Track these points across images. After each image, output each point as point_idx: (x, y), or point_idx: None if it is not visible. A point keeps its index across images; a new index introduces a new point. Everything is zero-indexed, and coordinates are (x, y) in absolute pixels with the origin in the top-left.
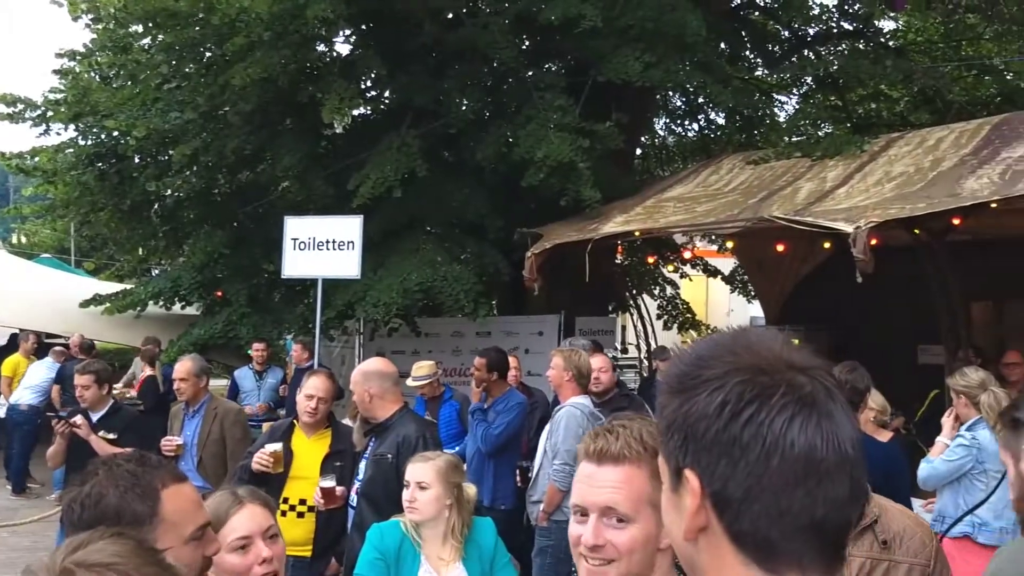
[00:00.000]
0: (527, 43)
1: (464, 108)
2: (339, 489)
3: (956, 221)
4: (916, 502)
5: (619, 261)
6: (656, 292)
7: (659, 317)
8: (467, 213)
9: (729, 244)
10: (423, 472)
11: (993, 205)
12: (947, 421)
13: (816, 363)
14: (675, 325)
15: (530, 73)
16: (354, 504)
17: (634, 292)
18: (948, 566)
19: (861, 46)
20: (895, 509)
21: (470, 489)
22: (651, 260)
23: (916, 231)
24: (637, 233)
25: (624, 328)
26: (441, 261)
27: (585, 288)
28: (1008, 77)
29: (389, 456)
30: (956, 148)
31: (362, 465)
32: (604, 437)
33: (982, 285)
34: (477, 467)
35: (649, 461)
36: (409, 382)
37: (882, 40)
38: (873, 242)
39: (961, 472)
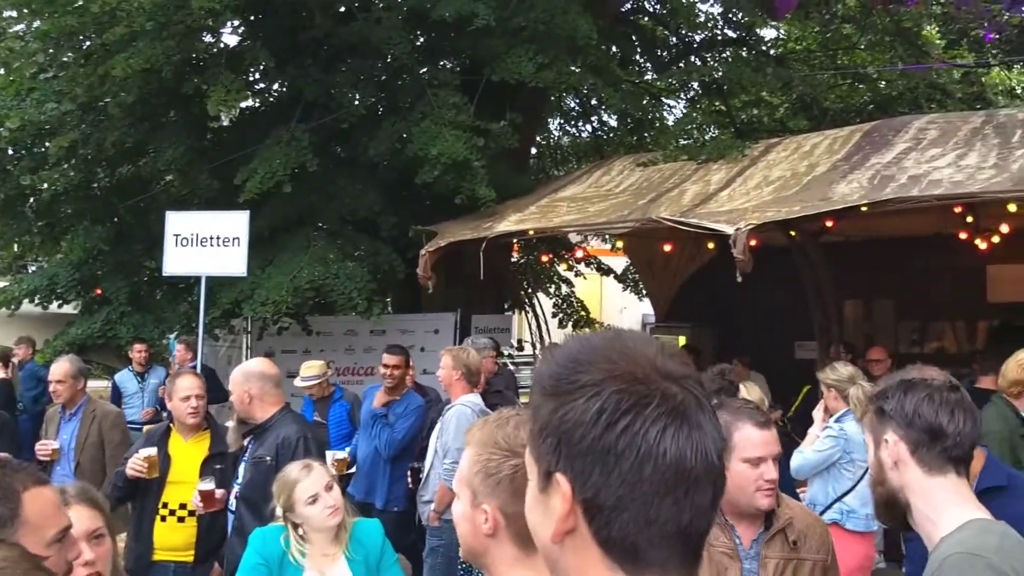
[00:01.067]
0: (421, 39)
1: (357, 103)
2: (218, 492)
3: (829, 224)
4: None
5: (515, 259)
6: (551, 290)
7: (554, 315)
8: (360, 210)
9: (619, 244)
10: (323, 474)
11: (864, 209)
12: (818, 413)
13: (687, 372)
14: (570, 323)
15: (424, 70)
16: (233, 508)
17: (530, 290)
18: (836, 557)
19: (744, 54)
20: (798, 508)
21: None
22: (545, 259)
23: (792, 233)
24: (531, 232)
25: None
26: (333, 258)
27: (481, 286)
28: (881, 86)
29: (268, 458)
30: (829, 154)
31: (241, 468)
32: None
33: (853, 284)
34: (370, 470)
35: None
36: (297, 382)
37: (763, 48)
38: (753, 243)
39: (830, 462)
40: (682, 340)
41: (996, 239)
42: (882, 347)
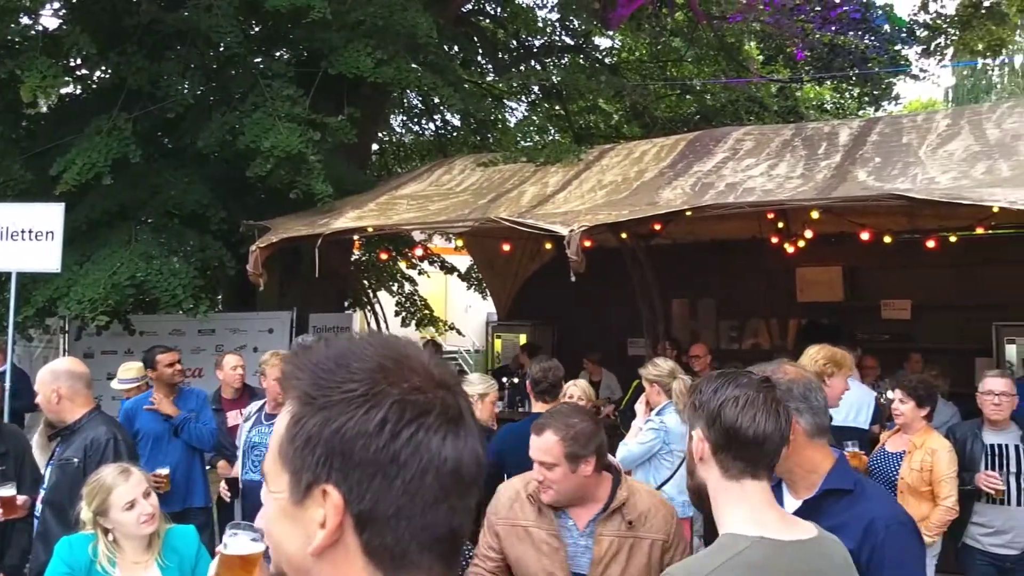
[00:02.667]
0: (257, 29)
1: (186, 92)
2: (20, 498)
3: (657, 227)
4: None
5: (357, 257)
6: (395, 289)
7: (397, 314)
8: (187, 203)
9: (456, 242)
10: (141, 480)
11: (688, 213)
12: (640, 407)
13: (458, 379)
14: (413, 322)
15: (258, 60)
16: (38, 513)
17: (372, 288)
18: (685, 539)
19: (581, 61)
20: (643, 491)
21: None
22: (384, 256)
23: (623, 235)
24: (370, 229)
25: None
26: (157, 254)
27: (320, 284)
28: (707, 98)
29: (75, 460)
30: (657, 161)
31: (47, 471)
32: None
33: (680, 284)
34: (186, 474)
35: None
36: (114, 384)
37: (598, 56)
38: (587, 244)
39: (652, 453)
40: (523, 338)
41: (802, 243)
42: (703, 344)
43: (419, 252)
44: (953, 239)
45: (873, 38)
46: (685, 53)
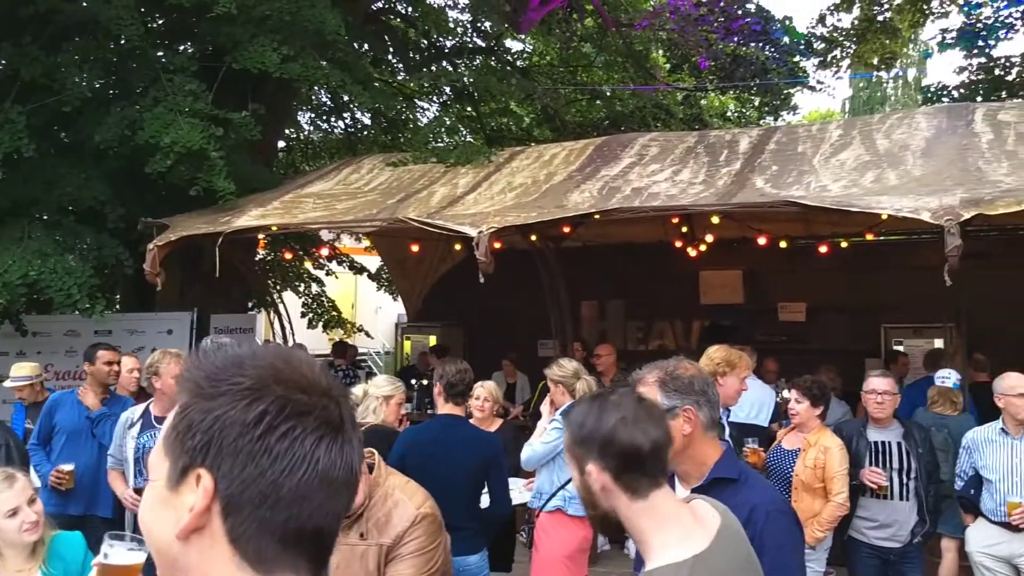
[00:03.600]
0: (160, 21)
1: (83, 85)
2: None
3: (567, 230)
4: (519, 481)
5: (262, 256)
6: (301, 289)
7: (303, 315)
8: (84, 199)
9: (366, 242)
10: (27, 486)
11: (596, 216)
12: (545, 407)
13: (343, 392)
14: (320, 323)
15: (160, 54)
16: None
17: (278, 288)
18: (424, 537)
19: (493, 63)
20: (399, 494)
21: None
22: (288, 256)
23: (533, 238)
24: (274, 228)
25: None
26: (51, 252)
27: (222, 284)
28: (617, 105)
29: None
30: (566, 164)
31: None
32: None
33: (589, 286)
34: (93, 479)
35: None
36: (7, 383)
37: (509, 59)
38: (497, 246)
39: (555, 452)
40: (433, 339)
41: (705, 248)
42: (608, 344)
43: (325, 252)
44: (844, 244)
45: (773, 50)
46: (595, 59)
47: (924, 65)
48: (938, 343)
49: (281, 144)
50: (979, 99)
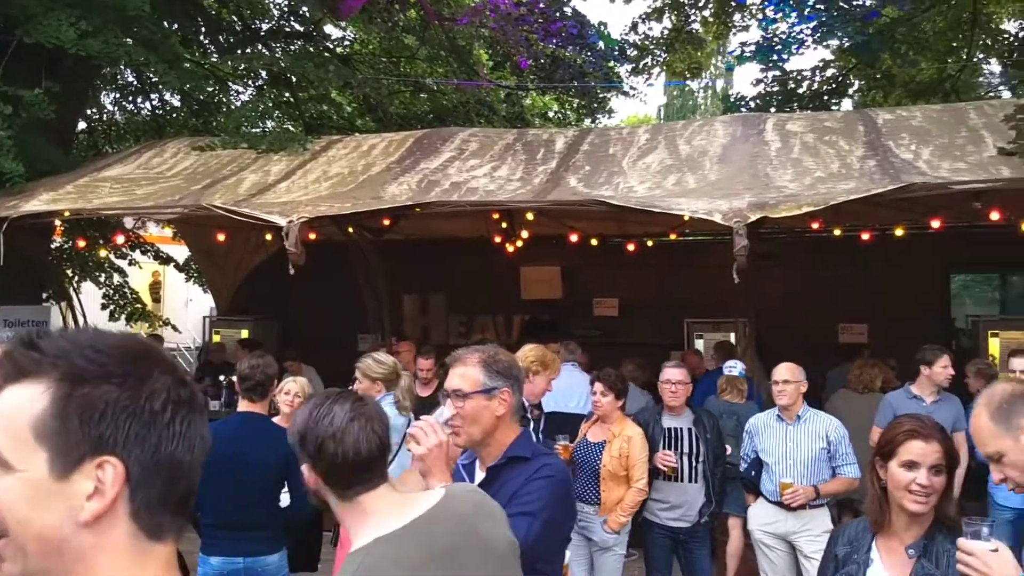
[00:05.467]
0: None
1: None
2: None
3: (387, 222)
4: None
5: (58, 244)
6: (102, 280)
7: (104, 307)
8: None
9: (168, 231)
10: None
11: (418, 210)
12: None
13: (192, 377)
14: (123, 316)
15: None
16: None
17: (77, 279)
18: None
19: (312, 49)
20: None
21: None
22: (81, 244)
23: (350, 229)
24: (67, 213)
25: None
26: None
27: (12, 273)
28: (443, 100)
29: None
30: (385, 156)
31: None
32: None
33: (412, 280)
34: None
35: None
36: None
37: (329, 46)
38: (312, 237)
39: None
40: (244, 333)
41: (522, 244)
42: (408, 342)
43: (120, 239)
44: (650, 244)
45: (590, 54)
46: (417, 51)
47: (731, 76)
48: (733, 337)
49: (82, 125)
50: (773, 110)
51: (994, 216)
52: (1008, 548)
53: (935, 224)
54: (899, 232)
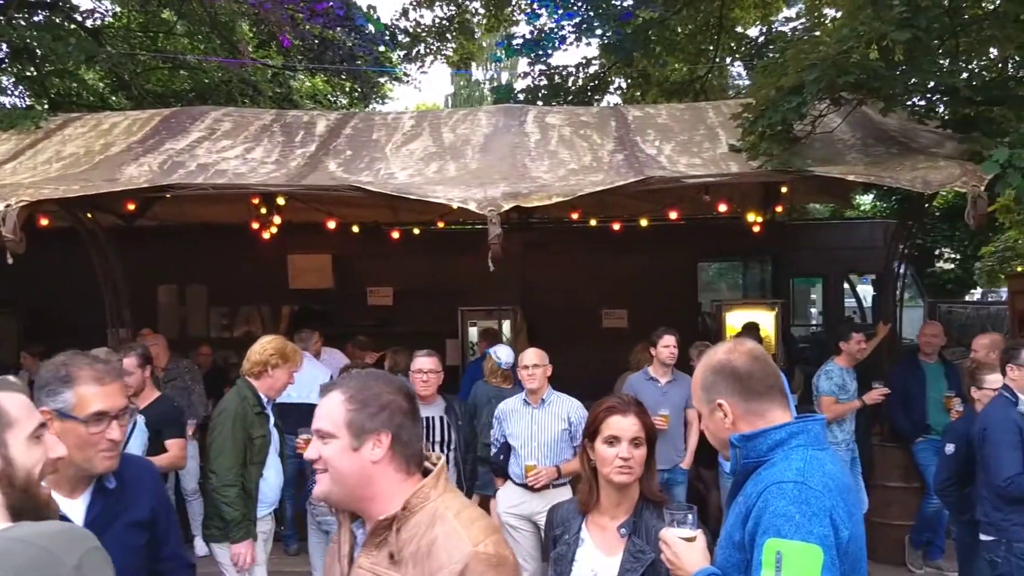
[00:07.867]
0: None
1: None
2: None
3: (132, 207)
4: None
5: None
6: None
7: None
8: None
9: None
10: None
11: (168, 196)
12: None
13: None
14: None
15: None
16: None
17: None
18: None
19: (57, 20)
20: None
21: None
22: None
23: (90, 215)
24: None
25: None
26: None
27: None
28: (205, 79)
29: None
30: (127, 135)
31: None
32: None
33: (168, 269)
34: None
35: None
36: None
37: (77, 18)
38: (45, 222)
39: None
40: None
41: (274, 230)
42: (159, 335)
43: None
44: (417, 231)
45: (358, 37)
46: (175, 26)
47: (516, 68)
48: (506, 324)
49: None
50: (539, 103)
51: (722, 208)
52: (704, 536)
53: (673, 215)
54: (644, 223)
